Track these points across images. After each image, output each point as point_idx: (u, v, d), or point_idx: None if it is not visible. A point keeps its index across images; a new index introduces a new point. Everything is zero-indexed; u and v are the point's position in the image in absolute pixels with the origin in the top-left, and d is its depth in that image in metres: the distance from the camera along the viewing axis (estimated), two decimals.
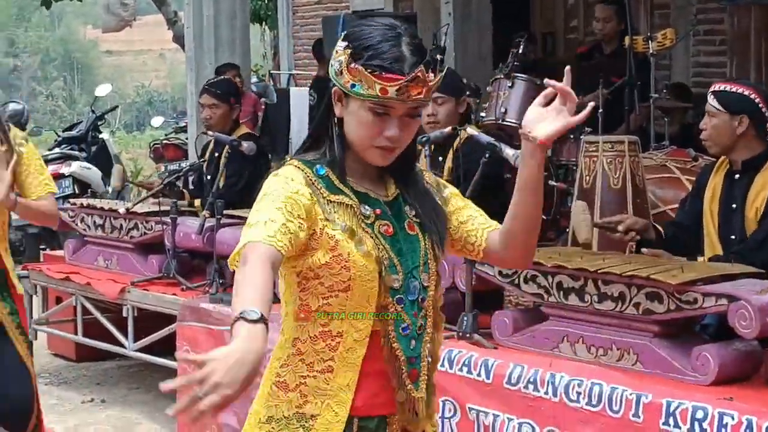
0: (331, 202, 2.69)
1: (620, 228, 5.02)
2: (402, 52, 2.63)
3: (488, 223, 2.92)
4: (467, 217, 2.91)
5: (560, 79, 2.74)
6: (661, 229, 5.13)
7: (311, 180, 2.69)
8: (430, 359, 2.81)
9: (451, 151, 6.07)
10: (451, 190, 2.95)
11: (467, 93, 6.29)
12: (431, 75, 2.66)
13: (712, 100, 4.97)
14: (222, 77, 8.85)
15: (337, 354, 2.69)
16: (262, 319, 2.30)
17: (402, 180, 2.82)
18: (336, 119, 2.73)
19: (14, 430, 4.97)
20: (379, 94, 2.61)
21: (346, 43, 2.67)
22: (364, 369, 2.70)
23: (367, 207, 2.73)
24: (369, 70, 2.62)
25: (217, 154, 7.31)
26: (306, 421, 2.69)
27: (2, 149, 4.79)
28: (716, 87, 5.06)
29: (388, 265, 2.70)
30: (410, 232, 2.78)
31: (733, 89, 5.00)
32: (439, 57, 2.77)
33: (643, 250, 5.02)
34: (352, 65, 2.64)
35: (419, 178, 2.87)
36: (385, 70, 2.61)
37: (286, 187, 2.63)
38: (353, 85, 2.64)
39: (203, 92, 7.64)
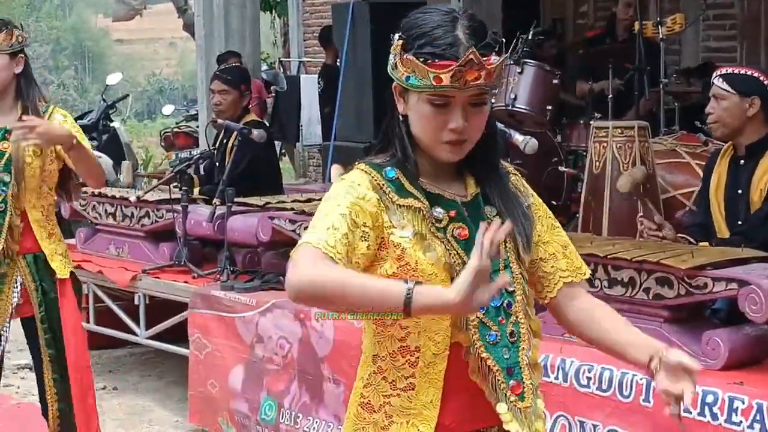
0: (401, 206, 2.52)
1: (661, 233, 5.01)
2: (456, 37, 2.45)
3: (568, 271, 2.72)
4: (549, 254, 2.71)
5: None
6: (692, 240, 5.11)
7: (379, 184, 2.53)
8: (529, 367, 2.63)
9: None
10: (537, 208, 2.72)
11: None
12: (493, 57, 2.47)
13: (720, 83, 4.97)
14: (234, 64, 8.85)
15: (418, 370, 2.55)
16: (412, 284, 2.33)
17: (483, 177, 2.63)
18: (401, 117, 2.56)
19: None
20: (434, 83, 2.45)
21: (399, 34, 2.52)
22: (447, 384, 2.55)
23: (439, 209, 2.55)
24: (421, 59, 2.45)
25: (225, 141, 7.29)
26: None
27: None
28: (723, 71, 5.07)
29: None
30: None
31: (741, 72, 5.03)
32: (501, 39, 2.56)
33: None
34: (405, 56, 2.48)
35: (504, 176, 2.67)
36: (438, 57, 2.44)
37: (351, 191, 2.50)
38: (408, 78, 2.49)
39: (214, 78, 7.65)
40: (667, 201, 5.95)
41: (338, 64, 11.35)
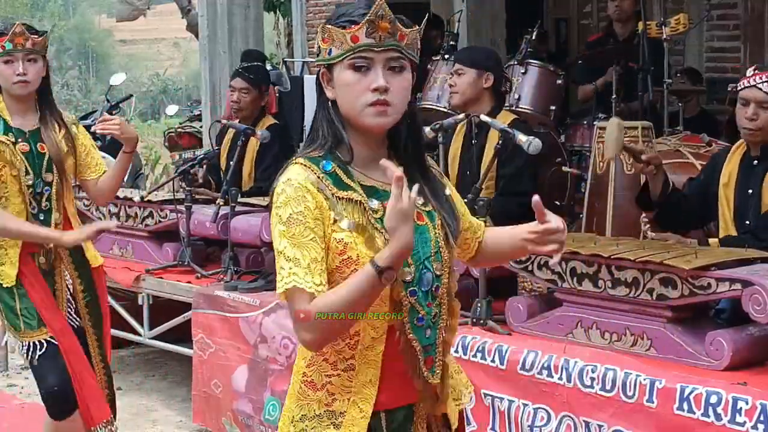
0: (340, 199, 2.64)
1: (643, 157, 5.01)
2: (371, 8, 2.63)
3: (479, 232, 3.04)
4: (468, 225, 2.99)
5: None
6: (674, 184, 5.12)
7: (319, 177, 2.64)
8: (443, 344, 2.78)
9: (460, 137, 6.05)
10: (455, 195, 2.91)
11: (489, 67, 6.09)
12: (404, 29, 2.66)
13: (766, 87, 4.81)
14: (256, 63, 8.83)
15: (357, 352, 2.69)
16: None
17: (411, 166, 2.73)
18: (330, 103, 2.70)
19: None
20: (351, 43, 2.62)
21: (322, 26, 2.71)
22: (385, 364, 2.70)
23: (374, 201, 2.67)
24: (339, 27, 2.65)
25: (238, 142, 7.18)
26: (336, 418, 2.70)
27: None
28: (764, 76, 4.89)
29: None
30: (419, 223, 2.69)
31: None
32: (405, 20, 2.75)
33: (650, 234, 5.05)
34: (325, 30, 2.67)
35: (427, 165, 2.81)
36: (354, 22, 2.64)
37: (302, 201, 2.60)
38: (329, 51, 2.66)
39: (236, 75, 7.58)
40: None
41: None
